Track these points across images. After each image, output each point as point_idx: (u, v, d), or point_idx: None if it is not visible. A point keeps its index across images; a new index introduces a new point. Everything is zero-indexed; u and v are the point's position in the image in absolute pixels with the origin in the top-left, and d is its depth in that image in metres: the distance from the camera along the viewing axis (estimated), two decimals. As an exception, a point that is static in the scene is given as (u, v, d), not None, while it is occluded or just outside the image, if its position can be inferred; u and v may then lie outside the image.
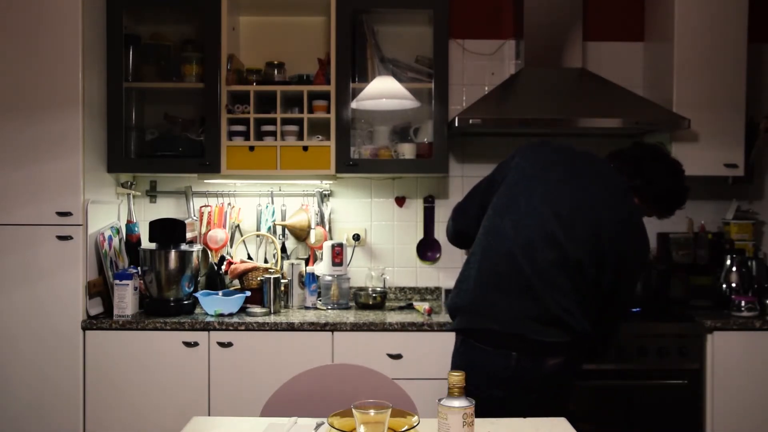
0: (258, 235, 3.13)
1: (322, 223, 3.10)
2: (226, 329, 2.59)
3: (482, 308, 1.94)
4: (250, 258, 3.12)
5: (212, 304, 2.70)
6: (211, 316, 2.69)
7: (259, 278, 2.85)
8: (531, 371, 1.89)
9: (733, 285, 2.92)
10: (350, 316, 2.70)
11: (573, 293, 1.90)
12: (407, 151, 2.96)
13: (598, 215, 1.92)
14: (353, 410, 1.38)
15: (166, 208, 3.17)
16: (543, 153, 2.04)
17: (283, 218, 3.13)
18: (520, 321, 1.89)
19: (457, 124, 2.72)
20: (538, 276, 1.89)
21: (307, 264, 3.04)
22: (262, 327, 2.59)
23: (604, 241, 1.92)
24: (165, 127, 3.04)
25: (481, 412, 1.75)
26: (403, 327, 2.60)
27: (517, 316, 1.89)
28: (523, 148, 2.09)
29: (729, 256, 2.97)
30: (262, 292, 2.80)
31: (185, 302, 2.74)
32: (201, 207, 3.12)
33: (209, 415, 2.57)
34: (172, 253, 2.71)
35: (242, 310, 2.77)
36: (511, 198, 1.98)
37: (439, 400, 1.39)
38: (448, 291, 3.17)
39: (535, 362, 1.89)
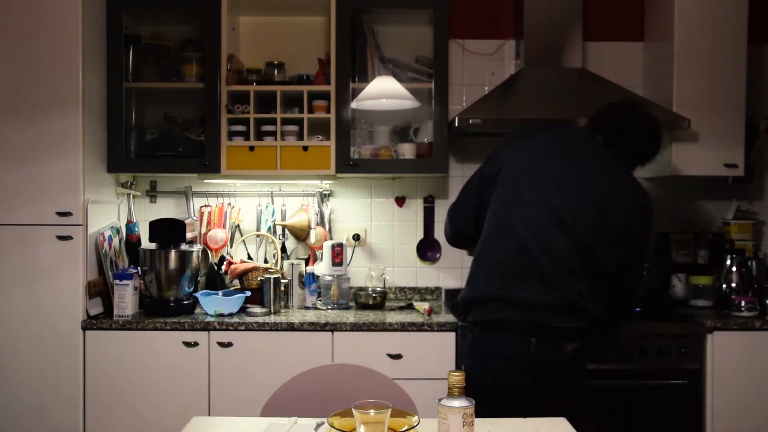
0: (258, 235, 3.13)
1: (322, 223, 3.10)
2: (226, 329, 2.59)
3: (499, 300, 1.96)
4: (250, 258, 3.12)
5: (212, 304, 2.70)
6: (211, 316, 2.69)
7: (259, 278, 2.85)
8: (550, 357, 1.92)
9: (733, 285, 2.92)
10: (350, 316, 2.70)
11: (587, 277, 1.94)
12: (407, 151, 2.96)
13: (602, 196, 1.96)
14: (353, 410, 1.38)
15: (166, 208, 3.17)
16: (534, 142, 2.05)
17: (283, 218, 3.13)
18: (538, 310, 1.91)
19: (457, 124, 2.72)
20: (553, 264, 1.91)
21: (307, 264, 3.04)
22: (262, 327, 2.59)
23: (611, 221, 1.95)
24: (165, 127, 3.04)
25: (500, 399, 1.85)
26: (403, 327, 2.60)
27: (535, 305, 1.92)
28: (510, 139, 2.10)
29: (729, 256, 2.97)
30: (262, 292, 2.80)
31: (185, 302, 2.74)
32: (201, 207, 3.12)
33: (209, 415, 2.57)
34: (172, 253, 2.71)
35: (242, 310, 2.77)
36: (513, 192, 1.99)
37: (439, 400, 1.39)
38: (448, 291, 3.17)
39: (554, 348, 1.92)
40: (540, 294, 1.91)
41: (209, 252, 3.02)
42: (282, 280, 2.87)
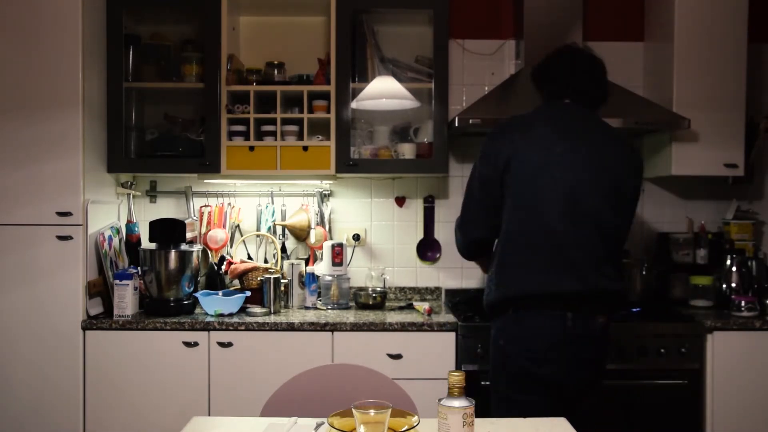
0: (258, 235, 3.13)
1: (322, 223, 3.10)
2: (226, 329, 2.59)
3: (534, 291, 2.00)
4: (250, 258, 3.12)
5: (212, 304, 2.70)
6: (211, 316, 2.69)
7: (259, 278, 2.85)
8: (584, 329, 2.00)
9: (733, 285, 2.92)
10: (350, 316, 2.70)
11: (612, 259, 2.04)
12: (407, 151, 2.96)
13: (613, 176, 2.03)
14: (353, 410, 1.38)
15: (166, 208, 3.17)
16: (536, 137, 2.05)
17: (283, 218, 3.13)
18: (572, 295, 1.98)
19: (457, 124, 2.72)
20: (586, 257, 1.98)
21: (307, 264, 3.04)
22: (262, 327, 2.59)
23: (625, 198, 2.07)
24: (165, 127, 3.04)
25: (533, 377, 1.99)
26: (403, 327, 2.60)
27: (569, 292, 1.98)
28: (504, 134, 2.08)
29: (729, 256, 2.97)
30: (262, 292, 2.80)
31: (185, 302, 2.74)
32: (201, 207, 3.12)
33: (209, 415, 2.57)
34: (172, 253, 2.71)
35: (242, 310, 2.77)
36: (535, 192, 2.00)
37: (439, 400, 1.39)
38: (448, 291, 3.17)
39: (587, 321, 2.00)
40: (574, 285, 1.98)
41: (209, 252, 3.02)
42: (282, 280, 2.87)
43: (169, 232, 2.75)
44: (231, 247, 3.10)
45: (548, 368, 1.98)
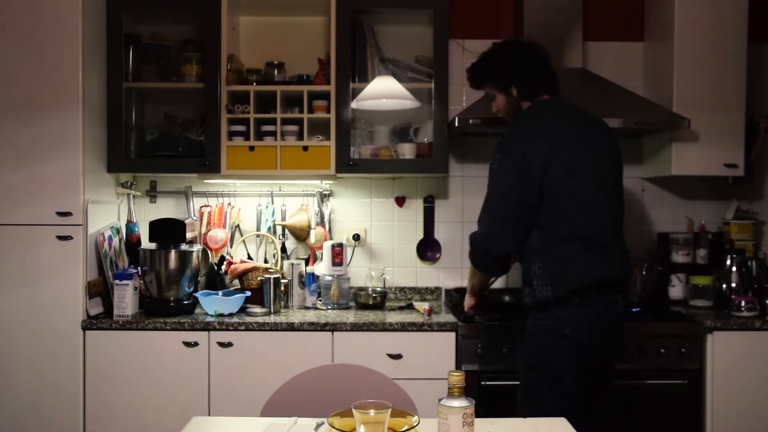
0: (258, 235, 3.13)
1: (322, 223, 3.10)
2: (226, 329, 2.59)
3: (593, 282, 2.05)
4: (250, 258, 3.12)
5: (212, 304, 2.70)
6: (211, 316, 2.69)
7: (259, 278, 2.85)
8: (623, 311, 2.13)
9: (733, 285, 2.92)
10: (350, 316, 2.70)
11: (624, 243, 2.18)
12: (407, 151, 2.96)
13: (615, 159, 2.18)
14: (353, 410, 1.38)
15: (166, 208, 3.17)
16: (556, 137, 2.07)
17: (283, 218, 3.13)
18: (618, 280, 2.11)
19: (457, 124, 2.72)
20: (617, 242, 2.12)
21: (307, 264, 3.04)
22: (262, 327, 2.59)
23: (621, 175, 2.22)
24: (165, 127, 3.04)
25: (592, 362, 2.05)
26: (403, 327, 2.60)
27: (617, 277, 2.10)
28: (529, 144, 2.07)
29: (729, 256, 2.97)
30: (262, 292, 2.80)
31: (185, 302, 2.74)
32: (201, 207, 3.12)
33: (209, 415, 2.57)
34: (172, 253, 2.71)
35: (242, 310, 2.77)
36: (573, 193, 2.05)
37: (439, 400, 1.39)
38: (448, 291, 3.17)
39: (623, 302, 2.13)
40: (618, 271, 2.10)
41: (209, 252, 3.02)
42: (282, 280, 2.87)
43: (169, 232, 2.75)
44: (231, 247, 3.10)
45: (603, 352, 2.08)
